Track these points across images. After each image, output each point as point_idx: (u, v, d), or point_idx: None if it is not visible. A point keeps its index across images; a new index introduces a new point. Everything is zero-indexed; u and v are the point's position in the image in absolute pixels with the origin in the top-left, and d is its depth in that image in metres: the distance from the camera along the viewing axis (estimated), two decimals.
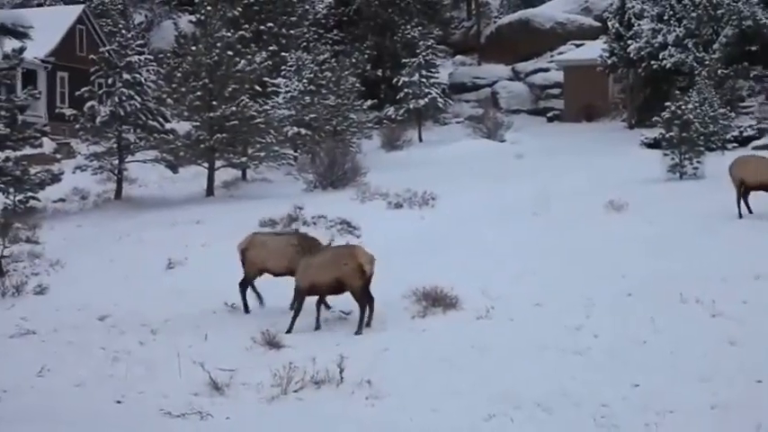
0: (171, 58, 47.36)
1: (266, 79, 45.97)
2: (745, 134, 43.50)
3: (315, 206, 28.80)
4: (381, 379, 13.42)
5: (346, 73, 49.38)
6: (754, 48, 49.84)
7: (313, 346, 15.12)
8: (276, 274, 18.75)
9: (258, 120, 39.20)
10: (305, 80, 46.17)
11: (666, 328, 15.45)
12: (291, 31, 56.47)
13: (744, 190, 25.34)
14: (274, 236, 20.07)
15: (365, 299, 16.49)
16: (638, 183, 32.90)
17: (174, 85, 39.93)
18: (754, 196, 25.13)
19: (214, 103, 38.34)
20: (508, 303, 17.52)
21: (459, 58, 72.96)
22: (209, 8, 41.38)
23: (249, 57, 41.16)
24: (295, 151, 43.69)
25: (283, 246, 18.76)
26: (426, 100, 55.54)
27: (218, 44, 39.08)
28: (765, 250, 20.54)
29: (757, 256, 19.81)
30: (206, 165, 38.89)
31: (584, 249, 22.06)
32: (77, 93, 39.89)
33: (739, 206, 25.30)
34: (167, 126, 39.20)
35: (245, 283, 18.83)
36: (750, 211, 25.26)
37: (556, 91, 65.30)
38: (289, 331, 16.49)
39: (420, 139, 54.50)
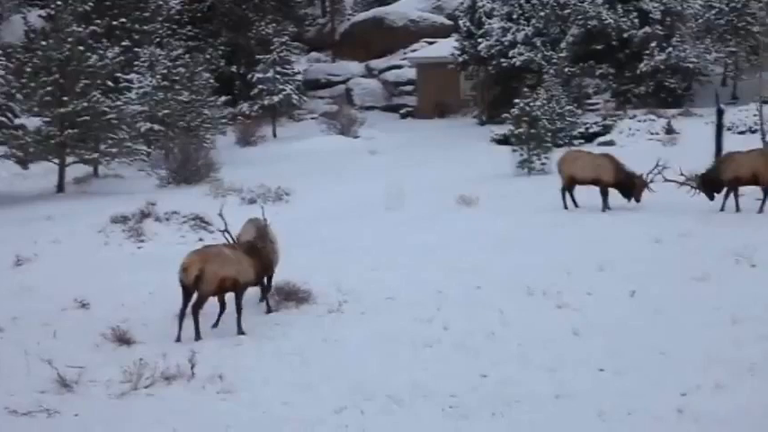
0: (20, 52, 46.33)
1: (119, 75, 45.38)
2: (591, 130, 44.64)
3: (168, 202, 28.56)
4: (233, 373, 13.42)
5: (200, 69, 49.06)
6: (599, 47, 51.22)
7: (164, 341, 15.04)
8: None
9: (110, 115, 38.72)
10: (158, 76, 45.73)
11: (514, 319, 15.78)
12: (144, 27, 55.69)
13: (570, 184, 26.19)
14: None
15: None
16: (489, 178, 33.54)
17: (23, 80, 39.17)
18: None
19: (65, 98, 37.73)
20: (360, 297, 17.71)
21: (313, 54, 73.03)
22: (59, 3, 40.59)
23: (101, 52, 40.58)
24: (148, 147, 43.25)
25: None
26: (281, 96, 55.53)
27: (69, 39, 38.45)
28: (609, 243, 21.18)
29: (601, 249, 20.43)
30: (57, 161, 38.24)
31: (435, 243, 22.40)
32: None
33: (564, 199, 26.21)
34: (17, 122, 38.46)
35: None
36: (576, 205, 26.07)
37: (409, 88, 65.93)
38: None
39: (274, 135, 54.50)
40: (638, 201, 25.58)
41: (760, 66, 39.16)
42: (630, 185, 25.54)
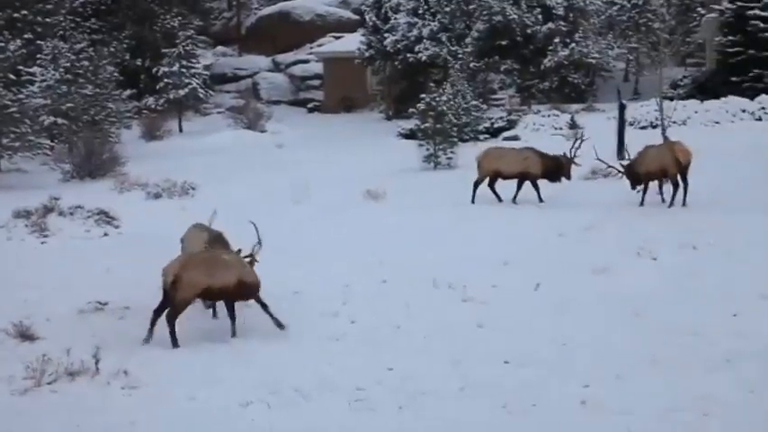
0: None
1: (21, 68, 44.74)
2: (496, 125, 45.03)
3: (72, 196, 28.24)
4: (139, 368, 13.29)
5: (104, 62, 48.51)
6: (504, 42, 51.73)
7: (68, 337, 14.81)
8: None
9: (12, 109, 38.14)
10: (62, 69, 45.14)
11: (420, 313, 15.89)
12: (47, 19, 54.91)
13: (493, 180, 26.41)
14: None
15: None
16: (395, 172, 33.71)
17: None
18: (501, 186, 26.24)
19: None
20: (266, 291, 17.61)
21: (219, 48, 72.78)
22: None
23: (2, 45, 39.95)
24: (52, 141, 42.71)
25: None
26: (187, 90, 55.27)
27: None
28: (514, 236, 21.45)
29: (506, 242, 20.70)
30: None
31: (342, 237, 22.51)
32: None
33: (474, 193, 26.61)
34: None
35: None
36: (500, 199, 26.32)
37: (316, 82, 66.11)
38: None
39: (180, 130, 54.22)
40: (568, 179, 26.05)
41: (660, 62, 39.80)
42: (558, 168, 25.93)
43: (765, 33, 46.76)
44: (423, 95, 39.09)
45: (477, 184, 26.63)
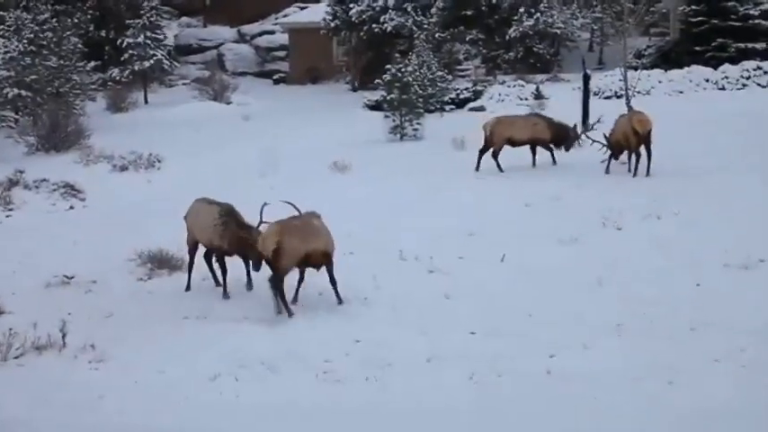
0: None
1: None
2: (462, 96, 44.95)
3: (37, 170, 28.12)
4: (106, 342, 13.32)
5: (68, 33, 48.03)
6: (469, 12, 51.69)
7: (35, 311, 14.81)
8: None
9: None
10: (25, 40, 44.71)
11: (387, 284, 15.92)
12: None
13: (497, 147, 26.34)
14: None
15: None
16: (362, 144, 33.69)
17: None
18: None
19: None
20: (234, 264, 17.67)
21: (184, 19, 72.19)
22: None
23: None
24: (16, 114, 42.38)
25: None
26: (152, 62, 54.80)
27: None
28: (480, 207, 21.51)
29: (472, 214, 20.74)
30: None
31: (308, 209, 22.42)
32: None
33: (479, 161, 26.53)
34: None
35: None
36: (501, 170, 26.19)
37: (281, 53, 65.77)
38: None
39: (146, 101, 53.82)
40: (567, 150, 26.34)
41: (624, 32, 39.92)
42: (565, 136, 26.12)
43: (728, 3, 46.95)
44: (388, 66, 39.04)
45: (483, 152, 26.51)
